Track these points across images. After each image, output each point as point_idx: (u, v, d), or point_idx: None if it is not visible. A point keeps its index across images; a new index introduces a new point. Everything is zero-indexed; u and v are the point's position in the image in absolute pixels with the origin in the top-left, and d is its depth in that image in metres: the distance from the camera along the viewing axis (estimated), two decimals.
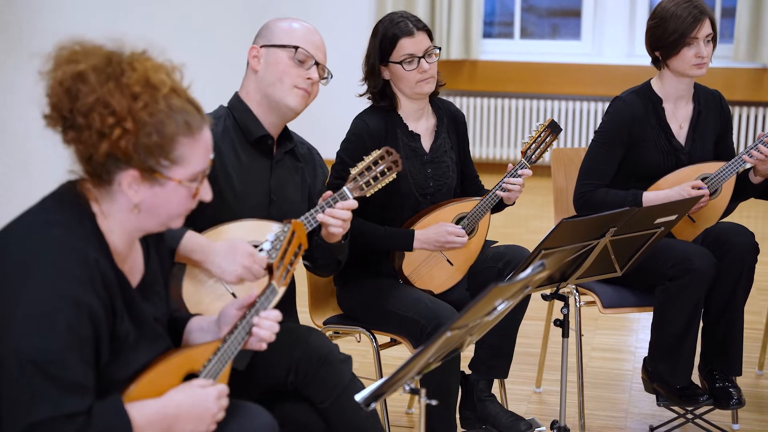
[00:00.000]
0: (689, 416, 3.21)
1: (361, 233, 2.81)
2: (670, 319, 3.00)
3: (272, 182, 2.54)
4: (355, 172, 2.50)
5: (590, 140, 3.27)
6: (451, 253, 2.93)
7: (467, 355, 2.89)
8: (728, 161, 3.11)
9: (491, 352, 2.98)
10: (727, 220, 3.22)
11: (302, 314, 2.73)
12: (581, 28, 7.36)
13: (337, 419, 2.32)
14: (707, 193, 3.04)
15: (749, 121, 7.00)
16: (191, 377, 1.84)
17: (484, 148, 7.43)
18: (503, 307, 1.93)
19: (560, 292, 2.65)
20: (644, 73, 3.44)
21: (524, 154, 2.97)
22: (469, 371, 3.05)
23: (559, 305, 2.69)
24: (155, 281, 1.91)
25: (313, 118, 2.66)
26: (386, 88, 2.93)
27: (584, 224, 2.47)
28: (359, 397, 1.87)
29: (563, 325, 2.66)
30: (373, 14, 7.28)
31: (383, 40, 2.87)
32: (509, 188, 2.89)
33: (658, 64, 3.19)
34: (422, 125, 2.99)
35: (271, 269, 2.01)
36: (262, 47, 2.52)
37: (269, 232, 2.10)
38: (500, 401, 3.11)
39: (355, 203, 2.46)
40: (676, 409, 3.20)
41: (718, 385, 3.07)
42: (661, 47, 3.13)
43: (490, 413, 2.98)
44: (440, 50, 2.94)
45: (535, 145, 2.97)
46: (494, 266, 2.91)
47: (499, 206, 2.99)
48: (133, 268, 1.84)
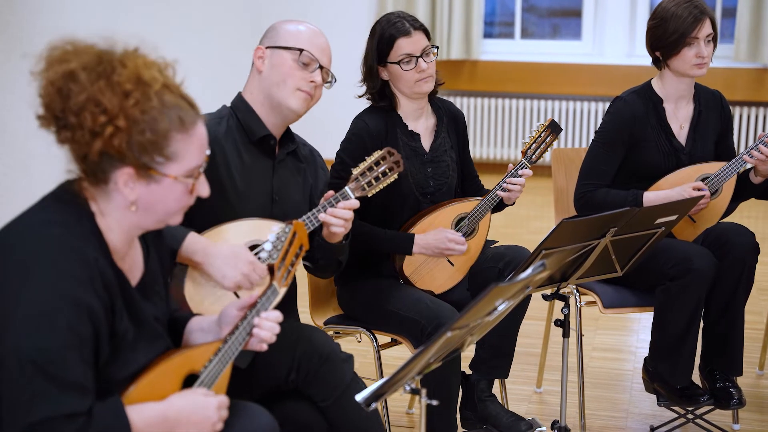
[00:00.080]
0: (690, 416, 3.21)
1: (361, 235, 2.81)
2: (670, 319, 3.00)
3: (274, 182, 2.53)
4: (356, 172, 2.50)
5: (591, 140, 3.27)
6: None
7: (468, 355, 2.89)
8: (729, 161, 3.10)
9: (492, 352, 2.98)
10: (727, 220, 3.22)
11: (303, 314, 2.73)
12: (582, 28, 7.36)
13: (338, 418, 2.32)
14: (708, 194, 3.04)
15: (750, 121, 7.00)
16: (192, 378, 1.84)
17: (484, 148, 7.43)
18: (504, 307, 1.93)
19: (561, 292, 2.65)
20: (645, 73, 3.44)
21: (524, 154, 2.96)
22: (469, 371, 3.05)
23: (559, 305, 2.69)
24: (155, 281, 1.91)
25: (312, 118, 2.66)
26: (385, 88, 2.92)
27: (585, 224, 2.47)
28: (360, 397, 1.87)
29: (564, 325, 2.66)
30: (373, 14, 7.27)
31: (380, 40, 2.87)
32: (510, 188, 2.89)
33: (658, 64, 3.19)
34: (422, 125, 2.98)
35: (272, 270, 2.00)
36: (267, 48, 2.52)
37: (270, 231, 2.10)
38: (501, 401, 3.11)
39: (357, 203, 2.46)
40: (676, 409, 3.20)
41: (718, 385, 3.07)
42: (661, 47, 3.13)
43: (490, 413, 2.98)
44: (438, 49, 2.94)
45: (535, 145, 2.97)
46: (495, 266, 2.91)
47: (499, 206, 2.99)
48: (132, 267, 1.84)
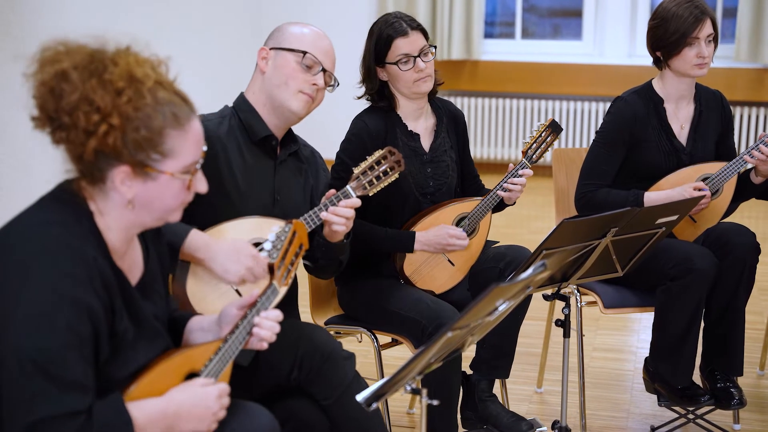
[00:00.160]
0: (690, 416, 3.21)
1: (362, 234, 2.81)
2: (671, 319, 3.00)
3: (276, 182, 2.54)
4: (358, 171, 2.51)
5: (591, 140, 3.27)
6: (452, 253, 2.93)
7: (468, 355, 2.89)
8: (729, 161, 3.10)
9: (492, 352, 2.98)
10: (728, 220, 3.22)
11: (303, 314, 2.73)
12: (582, 28, 7.36)
13: (340, 416, 2.32)
14: (708, 194, 3.04)
15: (750, 121, 7.00)
16: (192, 377, 1.84)
17: (485, 148, 7.43)
18: (504, 307, 1.93)
19: (561, 292, 2.65)
20: (645, 73, 3.44)
21: (525, 154, 2.96)
22: (470, 371, 3.05)
23: (560, 305, 2.69)
24: (155, 280, 1.91)
25: (312, 119, 2.66)
26: (384, 88, 2.93)
27: (585, 224, 2.46)
28: (360, 397, 1.87)
29: (564, 325, 2.66)
30: (373, 15, 7.27)
31: (378, 41, 2.87)
32: (510, 188, 2.89)
33: (659, 64, 3.19)
34: (421, 125, 2.98)
35: (272, 269, 2.01)
36: (271, 49, 2.52)
37: (270, 231, 2.10)
38: (501, 401, 3.11)
39: (358, 201, 2.47)
40: (677, 409, 3.20)
41: (719, 385, 3.07)
42: (662, 47, 3.12)
43: (491, 413, 2.98)
44: (436, 49, 2.94)
45: (536, 144, 2.97)
46: (495, 266, 2.91)
47: (499, 206, 2.98)
48: (132, 266, 1.84)
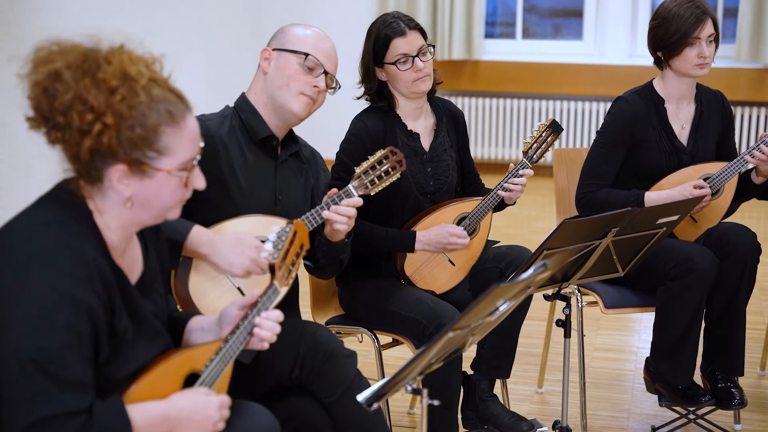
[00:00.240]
0: (691, 416, 3.21)
1: (362, 234, 2.81)
2: (672, 319, 3.00)
3: (277, 182, 2.54)
4: (359, 170, 2.51)
5: (592, 140, 3.27)
6: (452, 253, 2.93)
7: (469, 355, 2.89)
8: (730, 161, 3.10)
9: (493, 352, 2.98)
10: (729, 220, 3.22)
11: (304, 315, 2.73)
12: (583, 28, 7.36)
13: (342, 415, 2.32)
14: (709, 192, 3.03)
15: (751, 121, 7.00)
16: (193, 377, 1.84)
17: (485, 148, 7.43)
18: (505, 307, 1.93)
19: (562, 292, 2.65)
20: (646, 73, 3.44)
21: (525, 153, 2.96)
22: (471, 371, 3.05)
23: (561, 305, 2.69)
24: (154, 278, 1.91)
25: (312, 119, 2.67)
26: (383, 88, 2.93)
27: (586, 224, 2.46)
28: (361, 397, 1.87)
29: (565, 325, 2.66)
30: (373, 15, 7.25)
31: (376, 41, 2.87)
32: (511, 188, 2.89)
33: (660, 64, 3.19)
34: (421, 124, 2.98)
35: (273, 269, 2.01)
36: (274, 50, 2.53)
37: (271, 231, 2.10)
38: (502, 401, 3.11)
39: (360, 201, 2.48)
40: (678, 409, 3.20)
41: (720, 385, 3.07)
42: (663, 47, 3.12)
43: (492, 413, 2.98)
44: (434, 48, 2.94)
45: (536, 144, 2.97)
46: (496, 266, 2.90)
47: (500, 206, 2.98)
48: (131, 265, 1.84)
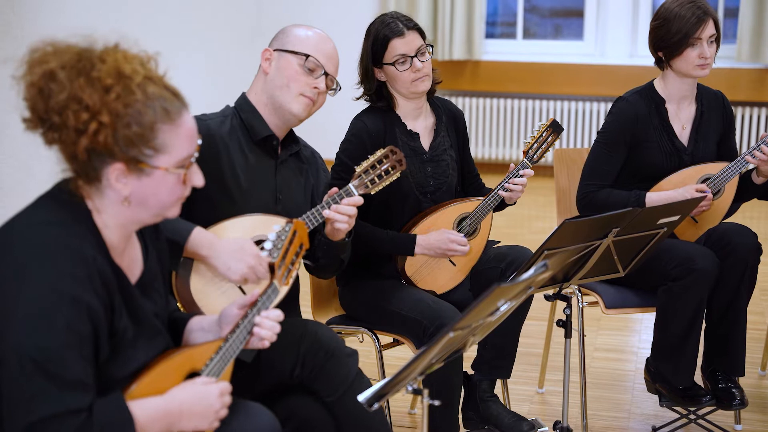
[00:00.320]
0: (692, 417, 3.21)
1: (363, 236, 2.81)
2: (672, 319, 3.00)
3: (278, 181, 2.55)
4: (360, 169, 2.52)
5: (593, 141, 3.27)
6: None
7: (470, 355, 2.89)
8: (731, 162, 3.10)
9: (494, 352, 2.98)
10: (729, 220, 3.22)
11: (305, 315, 2.72)
12: (584, 28, 7.36)
13: (343, 413, 2.32)
14: (710, 195, 3.03)
15: (752, 121, 7.00)
16: (193, 376, 1.84)
17: (486, 148, 7.43)
18: (506, 307, 1.93)
19: (563, 292, 2.65)
20: (647, 73, 3.44)
21: (526, 153, 2.96)
22: (471, 371, 3.05)
23: (561, 306, 2.69)
24: (154, 278, 1.91)
25: (312, 119, 2.67)
26: (383, 88, 2.93)
27: (587, 225, 2.46)
28: (362, 397, 1.87)
29: (566, 325, 2.66)
30: (375, 16, 7.21)
31: (375, 42, 2.87)
32: (511, 188, 2.89)
33: (661, 64, 3.19)
34: (421, 124, 2.98)
35: (272, 269, 2.01)
36: (275, 51, 2.54)
37: (274, 225, 2.10)
38: (503, 401, 3.10)
39: (360, 200, 2.48)
40: (678, 409, 3.20)
41: (720, 385, 3.07)
42: (664, 48, 3.12)
43: (492, 413, 2.98)
44: (433, 48, 2.94)
45: (536, 144, 2.97)
46: (497, 267, 2.90)
47: (500, 206, 2.98)
48: (131, 264, 1.84)
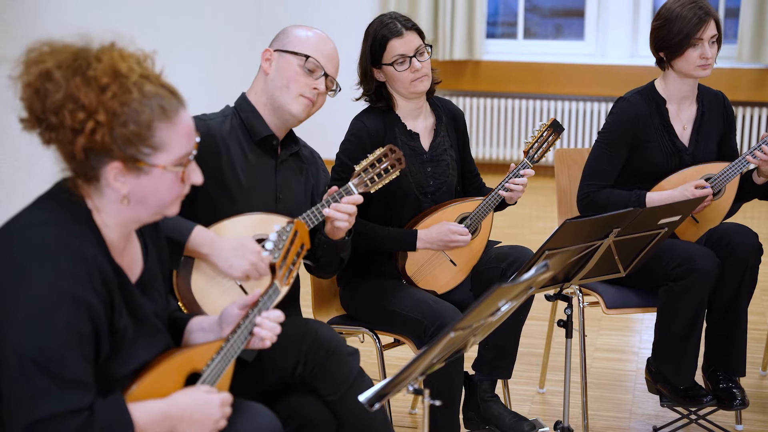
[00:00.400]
0: (693, 417, 3.21)
1: (363, 234, 2.81)
2: (673, 319, 3.00)
3: (278, 181, 2.55)
4: (359, 168, 2.52)
5: (593, 141, 3.27)
6: (454, 253, 2.93)
7: (471, 355, 2.89)
8: (732, 162, 3.10)
9: (495, 352, 2.98)
10: (730, 220, 3.22)
11: (306, 315, 2.72)
12: (585, 28, 7.36)
13: (345, 412, 2.32)
14: (711, 193, 3.03)
15: (753, 121, 6.99)
16: (194, 376, 1.84)
17: (487, 148, 7.43)
18: (507, 307, 1.93)
19: (564, 292, 2.65)
20: (648, 73, 3.44)
21: (526, 153, 2.96)
22: (472, 372, 3.05)
23: (562, 306, 2.69)
24: (154, 277, 1.91)
25: (311, 119, 2.67)
26: (382, 89, 2.93)
27: (588, 225, 2.46)
28: (363, 397, 1.87)
29: (567, 325, 2.66)
30: (375, 15, 7.23)
31: (373, 42, 2.88)
32: (512, 188, 2.89)
33: (662, 64, 3.19)
34: (420, 124, 2.98)
35: (273, 269, 2.01)
36: (275, 51, 2.54)
37: (275, 225, 2.11)
38: (503, 402, 3.10)
39: (360, 198, 2.48)
40: (679, 409, 3.20)
41: (721, 385, 3.07)
42: (665, 48, 3.12)
43: (493, 413, 2.98)
44: (432, 48, 2.94)
45: (537, 144, 2.97)
46: (497, 267, 2.90)
47: (501, 206, 2.98)
48: (131, 264, 1.84)
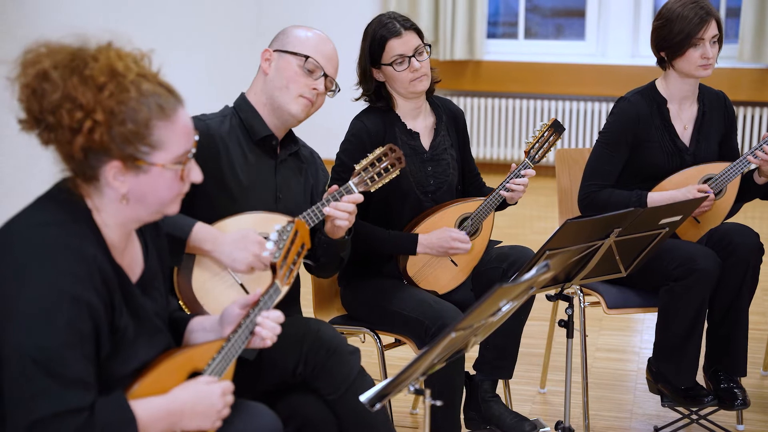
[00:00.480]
0: (694, 417, 3.21)
1: (364, 235, 2.81)
2: (674, 319, 3.00)
3: (278, 181, 2.55)
4: (359, 167, 2.52)
5: (594, 141, 3.27)
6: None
7: (472, 355, 2.89)
8: (733, 162, 3.10)
9: (496, 352, 2.98)
10: (731, 220, 3.22)
11: (307, 315, 2.72)
12: (585, 28, 7.36)
13: (345, 411, 2.32)
14: (712, 195, 3.03)
15: (753, 121, 6.99)
16: (195, 376, 1.84)
17: (488, 148, 7.43)
18: (508, 307, 1.93)
19: (565, 292, 2.65)
20: (648, 73, 3.44)
21: (527, 153, 2.96)
22: (473, 372, 3.05)
23: (563, 306, 2.69)
24: (155, 277, 1.91)
25: (311, 119, 2.68)
26: (381, 89, 2.93)
27: (589, 225, 2.46)
28: (364, 397, 1.87)
29: (568, 325, 2.66)
30: (375, 15, 7.25)
31: (372, 42, 2.87)
32: (513, 188, 2.89)
33: (663, 64, 3.19)
34: (420, 123, 2.98)
35: (274, 268, 2.01)
36: (275, 51, 2.54)
37: (275, 224, 2.11)
38: (505, 402, 3.10)
39: (360, 197, 2.48)
40: (680, 409, 3.20)
41: (722, 385, 3.07)
42: (666, 48, 3.12)
43: (494, 414, 2.98)
44: (431, 48, 2.94)
45: (538, 144, 2.97)
46: (498, 267, 2.90)
47: (501, 206, 2.98)
48: (132, 263, 1.84)
